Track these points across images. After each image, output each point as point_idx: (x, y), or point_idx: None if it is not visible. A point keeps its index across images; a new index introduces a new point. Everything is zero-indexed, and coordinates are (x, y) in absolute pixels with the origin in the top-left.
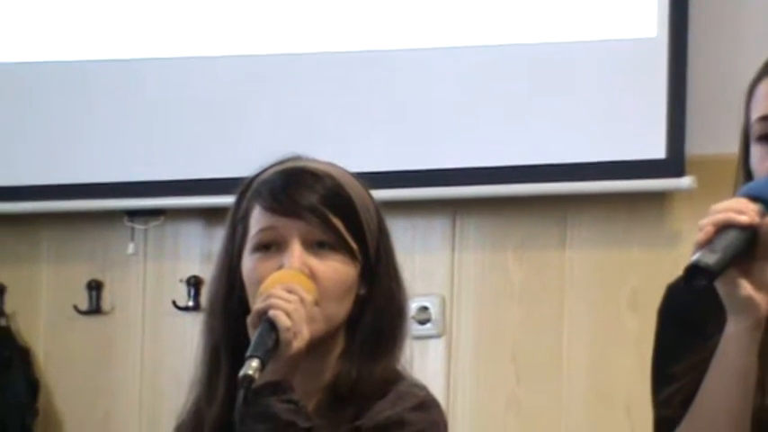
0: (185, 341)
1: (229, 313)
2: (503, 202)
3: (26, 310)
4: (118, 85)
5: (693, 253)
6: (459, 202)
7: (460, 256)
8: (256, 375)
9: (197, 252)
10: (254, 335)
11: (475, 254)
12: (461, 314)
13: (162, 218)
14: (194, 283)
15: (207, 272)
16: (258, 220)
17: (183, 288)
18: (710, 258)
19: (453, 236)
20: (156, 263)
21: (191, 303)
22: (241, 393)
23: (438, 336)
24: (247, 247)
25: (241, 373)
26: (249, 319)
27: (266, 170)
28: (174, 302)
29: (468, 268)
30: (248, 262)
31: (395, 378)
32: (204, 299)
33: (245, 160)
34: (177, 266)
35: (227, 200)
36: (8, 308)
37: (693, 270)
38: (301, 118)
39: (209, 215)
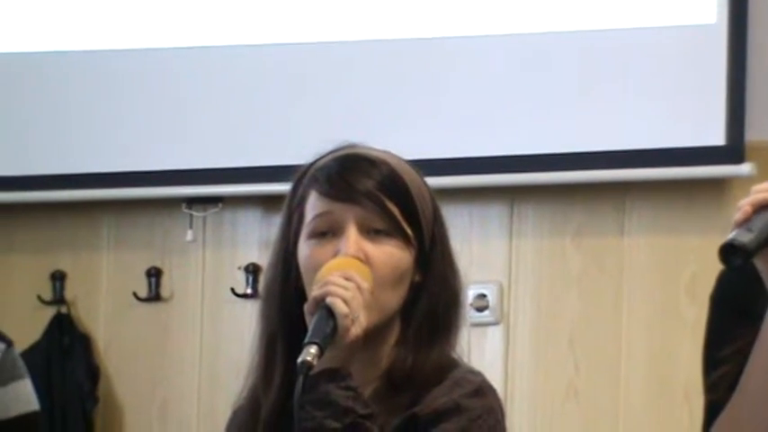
0: (243, 328)
1: (285, 300)
2: (560, 188)
3: (86, 298)
4: (178, 74)
5: (731, 232)
6: (517, 189)
7: (518, 243)
8: (315, 361)
9: (255, 239)
10: (311, 322)
11: (533, 241)
12: (519, 301)
13: (220, 205)
14: (252, 271)
15: (265, 259)
16: (314, 205)
17: (242, 275)
18: (745, 237)
19: (511, 223)
20: (215, 250)
21: (249, 291)
22: (300, 379)
23: (496, 323)
24: (303, 234)
25: (300, 359)
26: (306, 307)
27: (322, 157)
28: (232, 290)
29: (525, 255)
30: (304, 248)
31: (450, 365)
32: (261, 285)
33: (303, 148)
34: (235, 254)
35: (285, 187)
36: (69, 295)
37: (728, 248)
38: (357, 105)
39: (267, 202)
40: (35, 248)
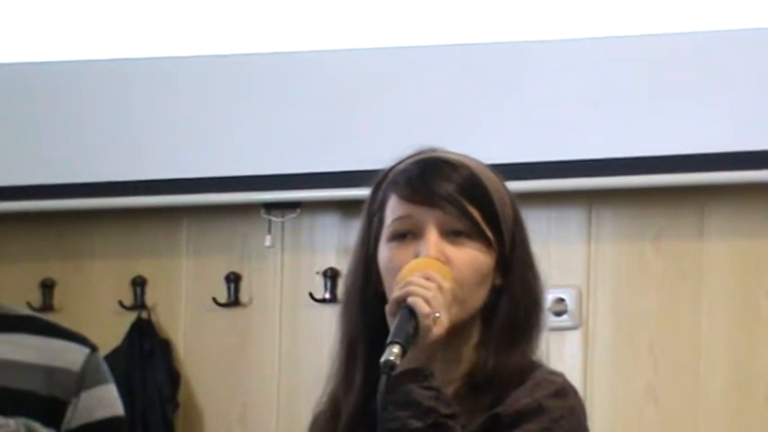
0: (322, 333)
1: (366, 304)
2: (639, 192)
3: (166, 303)
4: (254, 80)
5: None
6: (595, 193)
7: (597, 247)
8: (398, 361)
9: (333, 244)
10: (393, 322)
11: (611, 245)
12: (598, 305)
13: (298, 210)
14: (331, 276)
15: (343, 264)
16: (394, 209)
17: (320, 280)
18: None
19: (589, 226)
20: (293, 255)
21: (327, 295)
22: (383, 379)
23: (574, 327)
24: (383, 237)
25: (382, 358)
26: (388, 308)
27: (402, 161)
28: (310, 294)
29: (604, 259)
30: (384, 251)
31: (531, 366)
32: (340, 290)
33: (382, 153)
34: (314, 259)
35: (364, 192)
36: (149, 300)
37: None
38: (435, 110)
39: (346, 207)
40: (116, 254)
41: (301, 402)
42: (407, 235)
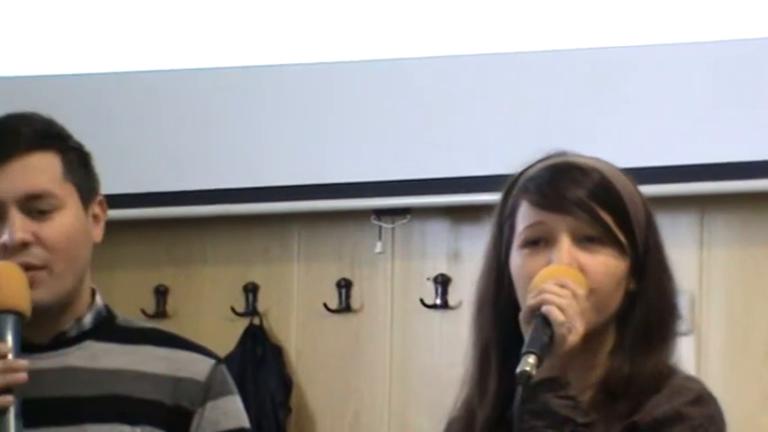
0: (433, 339)
1: (498, 310)
2: (752, 197)
3: (278, 309)
4: (367, 88)
5: None
6: (707, 198)
7: (709, 252)
8: (533, 371)
9: (444, 250)
10: (527, 331)
11: (724, 250)
12: (711, 311)
13: (408, 216)
14: (441, 282)
15: (454, 270)
16: (526, 215)
17: (431, 286)
18: None
19: (701, 232)
20: (404, 261)
21: (438, 301)
22: (519, 389)
23: (686, 333)
24: (515, 244)
25: (518, 369)
26: (522, 316)
27: (532, 166)
28: (421, 300)
29: (716, 265)
30: (516, 258)
31: (668, 372)
32: (450, 297)
33: (492, 159)
34: (424, 265)
35: (474, 198)
36: (261, 306)
37: None
38: (544, 115)
39: (456, 213)
40: (228, 261)
41: (412, 408)
42: (539, 242)
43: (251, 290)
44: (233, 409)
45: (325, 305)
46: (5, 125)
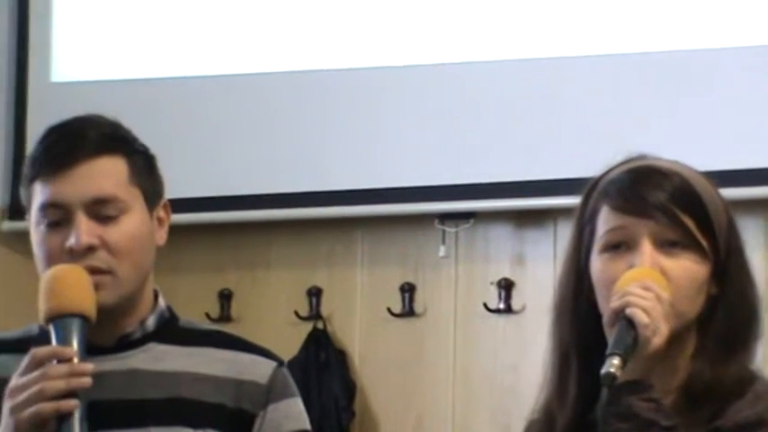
0: (496, 343)
1: (578, 314)
2: None
3: (342, 313)
4: (433, 91)
5: None
6: None
7: None
8: (618, 373)
9: (507, 254)
10: (611, 333)
11: None
12: None
13: (472, 220)
14: (505, 286)
15: (517, 274)
16: (607, 219)
17: (494, 290)
18: None
19: None
20: (467, 265)
21: (501, 306)
22: (604, 391)
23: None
24: (596, 248)
25: (603, 370)
26: (605, 319)
27: (612, 170)
28: (485, 305)
29: None
30: (597, 262)
31: (750, 377)
32: (514, 301)
33: (556, 163)
34: (488, 269)
35: (538, 202)
36: (324, 310)
37: None
38: (609, 120)
39: (519, 217)
40: (292, 265)
41: (475, 412)
42: (621, 246)
43: (315, 294)
44: (294, 411)
45: (389, 309)
46: (72, 129)
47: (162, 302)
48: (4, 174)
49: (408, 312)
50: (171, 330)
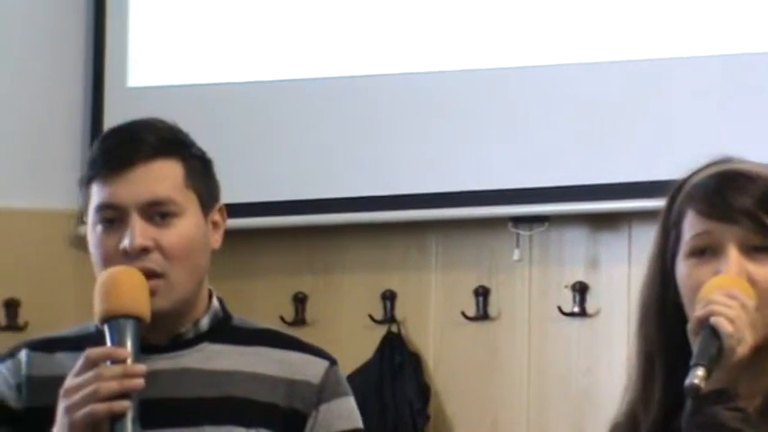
0: (571, 347)
1: (663, 318)
2: None
3: (416, 317)
4: (502, 94)
5: None
6: None
7: None
8: (702, 384)
9: (581, 258)
10: (695, 342)
11: None
12: None
13: (546, 224)
14: (579, 289)
15: (592, 278)
16: (692, 224)
17: (569, 294)
18: None
19: None
20: (541, 269)
21: (576, 309)
22: (688, 402)
23: None
24: (681, 252)
25: (687, 381)
26: (690, 327)
27: (697, 173)
28: (559, 308)
29: None
30: (683, 267)
31: None
32: (588, 304)
33: (632, 166)
34: (562, 272)
35: (612, 205)
36: (399, 314)
37: None
38: (687, 122)
39: (594, 221)
40: (366, 268)
41: (550, 416)
42: (706, 251)
43: (389, 297)
44: (346, 410)
45: (463, 313)
46: (130, 132)
47: (215, 302)
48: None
49: (482, 316)
50: (224, 330)
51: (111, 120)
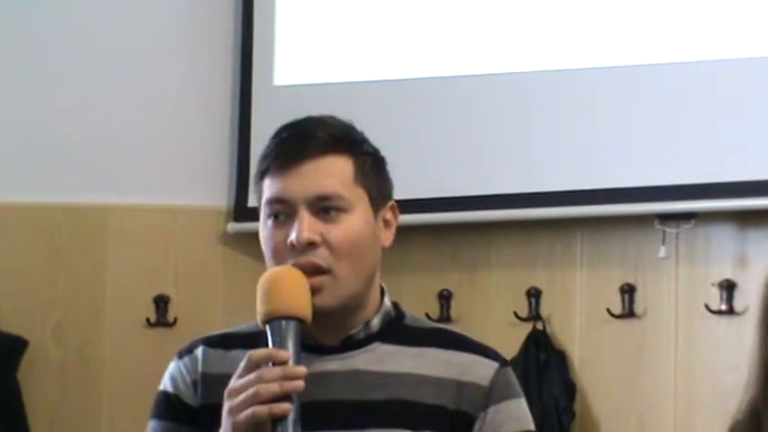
0: (718, 345)
1: None
2: None
3: (561, 314)
4: (642, 89)
5: None
6: None
7: None
8: None
9: (729, 255)
10: None
11: None
12: None
13: (693, 221)
14: (727, 287)
15: (740, 275)
16: None
17: (716, 292)
18: None
19: None
20: (688, 266)
21: (723, 307)
22: None
23: None
24: None
25: None
26: None
27: None
28: (706, 306)
29: None
30: None
31: None
32: (736, 302)
33: None
34: (709, 270)
35: (762, 202)
36: (544, 311)
37: None
38: None
39: (742, 218)
40: (511, 266)
41: (698, 413)
42: None
43: (534, 295)
44: (516, 411)
45: (609, 310)
46: (303, 127)
47: (387, 301)
48: (229, 176)
49: (628, 313)
50: (395, 330)
51: (258, 118)
